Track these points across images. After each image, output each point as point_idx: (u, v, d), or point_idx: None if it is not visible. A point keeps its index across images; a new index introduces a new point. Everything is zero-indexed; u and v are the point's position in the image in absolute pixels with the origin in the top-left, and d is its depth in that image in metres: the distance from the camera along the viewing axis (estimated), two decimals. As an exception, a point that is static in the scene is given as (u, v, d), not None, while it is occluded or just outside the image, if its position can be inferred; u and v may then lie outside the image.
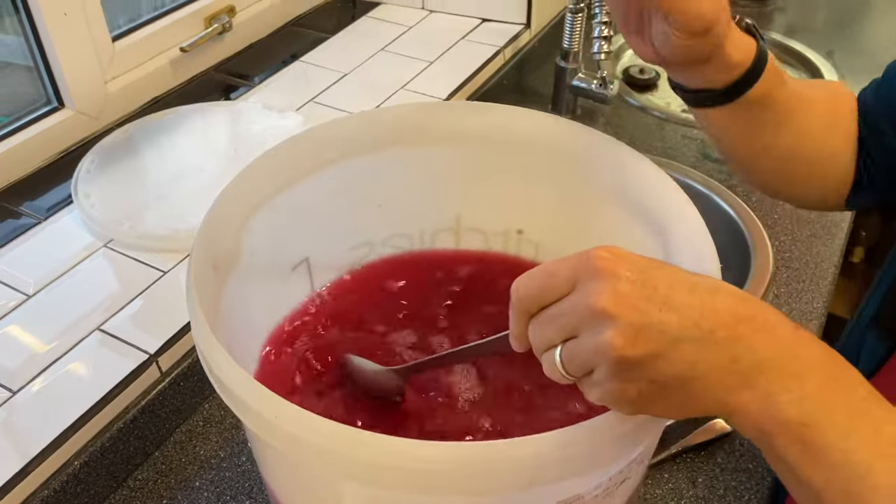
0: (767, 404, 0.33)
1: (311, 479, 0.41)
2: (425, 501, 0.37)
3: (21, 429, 0.66)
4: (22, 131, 0.92)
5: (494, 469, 0.34)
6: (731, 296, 0.34)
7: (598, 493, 0.41)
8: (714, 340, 0.33)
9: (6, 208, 0.88)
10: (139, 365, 0.71)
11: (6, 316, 0.76)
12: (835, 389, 0.33)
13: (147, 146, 0.97)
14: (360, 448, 0.34)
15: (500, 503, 0.38)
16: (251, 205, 0.51)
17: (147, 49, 1.04)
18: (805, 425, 0.33)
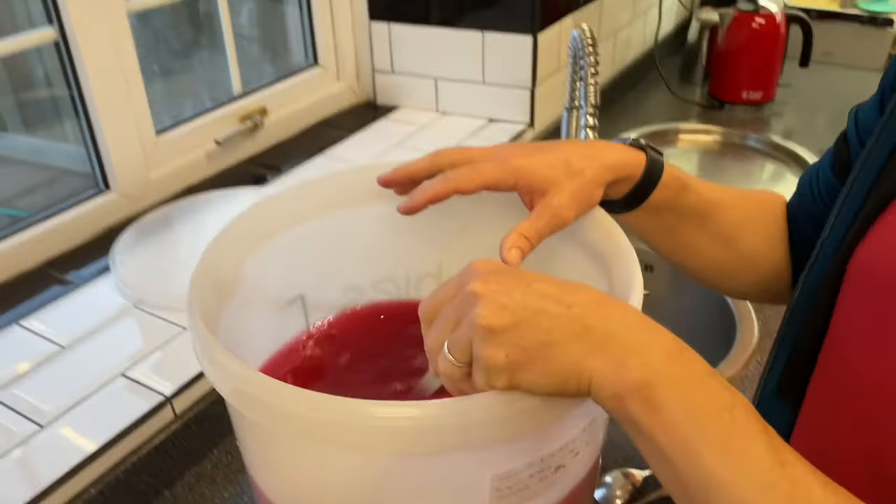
0: (618, 368, 0.38)
1: (279, 447, 0.47)
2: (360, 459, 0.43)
3: (44, 459, 0.73)
4: (71, 209, 1.04)
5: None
6: (591, 289, 0.41)
7: (533, 474, 0.46)
8: (570, 314, 0.39)
9: (52, 276, 0.99)
10: (155, 406, 0.79)
11: (42, 364, 0.84)
12: (675, 361, 0.39)
13: (179, 224, 1.08)
14: (310, 407, 0.41)
15: (437, 470, 0.43)
16: (251, 240, 0.59)
17: (186, 142, 1.17)
18: (648, 385, 0.38)
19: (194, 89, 1.37)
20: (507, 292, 0.40)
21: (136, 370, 0.83)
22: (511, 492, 0.47)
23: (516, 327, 0.40)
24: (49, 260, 1.01)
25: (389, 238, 0.67)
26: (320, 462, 0.46)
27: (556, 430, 0.46)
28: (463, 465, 0.44)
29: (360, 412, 0.40)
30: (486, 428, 0.41)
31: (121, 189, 1.09)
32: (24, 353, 0.85)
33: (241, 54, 1.27)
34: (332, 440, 0.42)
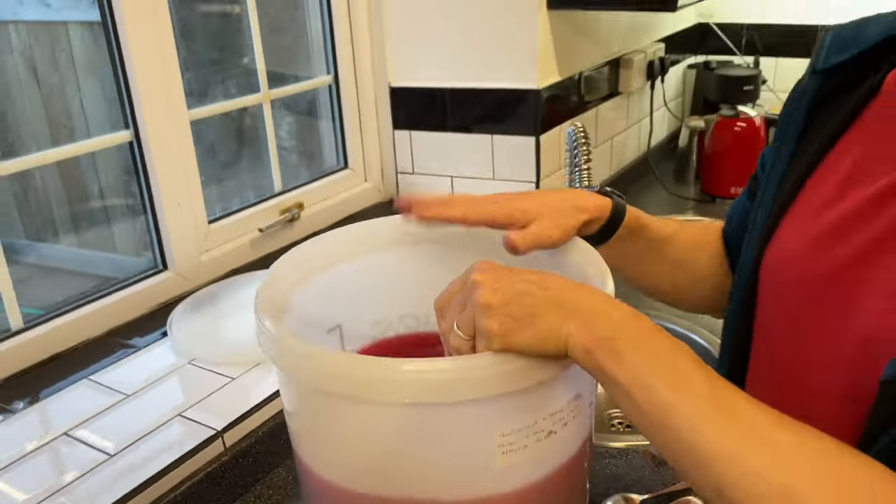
0: (588, 328, 0.51)
1: (322, 414, 0.59)
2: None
3: (111, 484, 0.84)
4: (134, 285, 1.19)
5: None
6: (565, 278, 0.55)
7: (529, 435, 0.57)
8: (548, 294, 0.52)
9: (118, 341, 1.13)
10: (207, 438, 0.90)
11: (111, 408, 0.96)
12: (631, 321, 0.51)
13: (225, 299, 1.22)
14: (353, 366, 0.53)
15: (454, 426, 0.55)
16: (298, 276, 0.73)
17: (233, 230, 1.34)
18: (612, 339, 0.50)
19: (241, 187, 1.55)
20: (500, 280, 0.54)
21: (190, 412, 0.95)
22: (513, 449, 0.58)
23: (506, 304, 0.53)
24: (115, 328, 1.15)
25: (411, 279, 0.81)
26: (357, 420, 0.58)
27: (546, 396, 0.57)
28: (475, 422, 0.56)
29: (388, 367, 0.53)
30: (487, 382, 0.53)
31: (177, 269, 1.24)
32: (95, 401, 0.98)
33: (281, 159, 1.46)
34: (366, 394, 0.54)
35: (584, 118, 1.60)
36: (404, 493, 0.59)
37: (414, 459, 0.58)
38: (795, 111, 0.66)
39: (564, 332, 0.52)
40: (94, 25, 2.25)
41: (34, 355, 1.07)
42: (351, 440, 0.59)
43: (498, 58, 1.43)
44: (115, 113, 1.21)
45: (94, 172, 2.38)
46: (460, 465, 0.58)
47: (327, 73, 1.52)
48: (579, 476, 0.66)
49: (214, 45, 1.99)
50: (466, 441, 0.57)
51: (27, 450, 0.89)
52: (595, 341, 0.51)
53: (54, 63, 2.32)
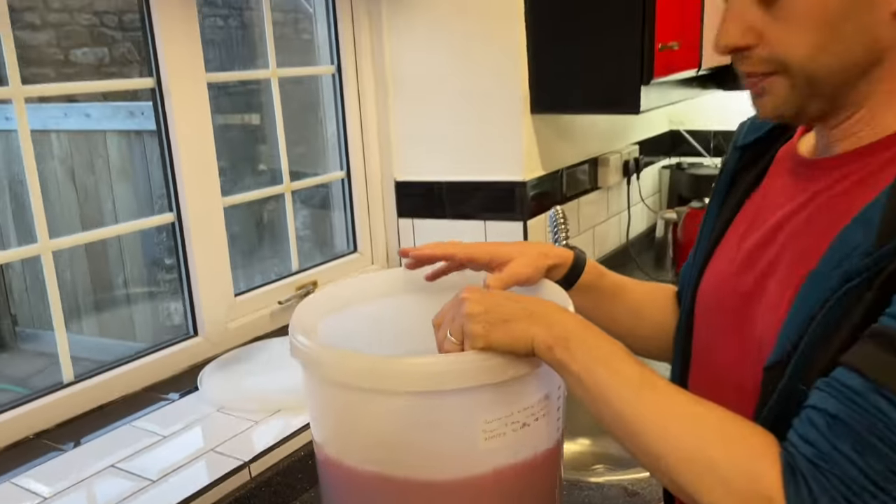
0: (549, 330, 0.67)
1: (337, 402, 0.74)
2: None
3: (156, 500, 0.98)
4: (168, 348, 1.35)
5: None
6: (536, 298, 0.72)
7: (507, 424, 0.73)
8: (520, 306, 0.69)
9: (154, 395, 1.28)
10: (236, 467, 1.04)
11: (150, 446, 1.11)
12: (582, 327, 0.68)
13: (248, 361, 1.38)
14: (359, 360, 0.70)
15: (445, 412, 0.70)
16: (322, 311, 0.90)
17: (256, 303, 1.51)
18: (567, 339, 0.66)
19: (263, 267, 1.73)
20: (483, 296, 0.71)
21: (221, 447, 1.09)
22: (494, 435, 0.73)
23: (487, 312, 0.70)
24: (152, 384, 1.30)
25: (413, 321, 0.97)
26: (367, 408, 0.73)
27: (520, 392, 0.73)
28: (463, 410, 0.71)
29: (384, 362, 0.70)
30: (471, 374, 0.69)
31: (206, 335, 1.41)
32: (135, 442, 1.12)
33: (297, 244, 1.65)
34: (377, 384, 0.70)
35: (566, 207, 1.80)
36: (404, 473, 0.74)
37: (412, 443, 0.73)
38: (722, 179, 0.85)
39: (531, 334, 0.68)
40: (131, 134, 2.52)
41: (82, 405, 1.21)
42: (361, 426, 0.74)
43: (489, 155, 1.65)
44: (144, 211, 1.41)
45: (119, 265, 2.58)
46: (451, 447, 0.73)
47: (340, 169, 1.74)
48: (551, 469, 0.81)
49: (241, 148, 2.24)
50: (456, 426, 0.73)
51: (81, 477, 1.03)
52: (554, 340, 0.68)
53: (91, 167, 2.57)
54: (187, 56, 1.32)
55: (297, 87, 1.94)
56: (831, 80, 0.63)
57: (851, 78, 0.63)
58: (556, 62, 1.56)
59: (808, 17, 0.61)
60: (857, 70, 0.62)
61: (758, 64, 0.65)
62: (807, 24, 0.61)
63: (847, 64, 0.62)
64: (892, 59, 0.62)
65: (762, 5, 0.63)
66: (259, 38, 1.58)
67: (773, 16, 0.62)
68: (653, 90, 1.54)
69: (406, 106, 1.71)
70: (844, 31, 0.61)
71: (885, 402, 0.52)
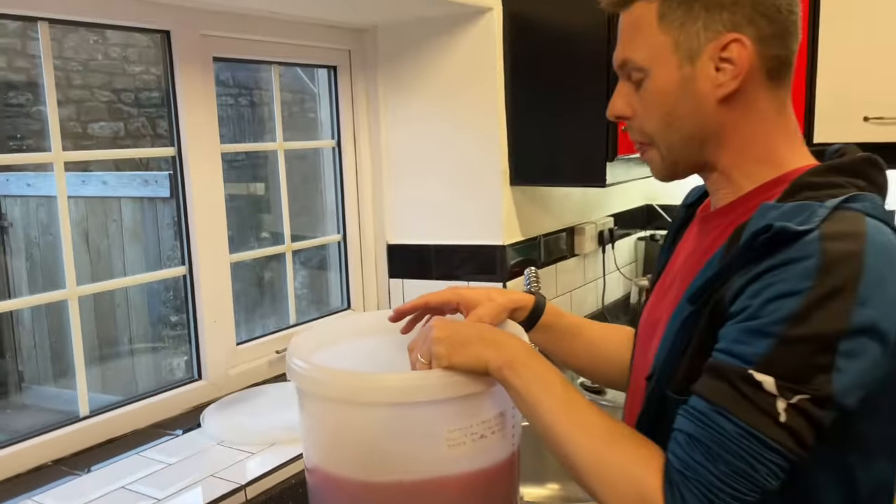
0: (500, 353, 0.82)
1: (324, 415, 0.87)
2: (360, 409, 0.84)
3: (162, 514, 1.09)
4: (174, 390, 1.48)
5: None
6: (492, 327, 0.87)
7: (467, 434, 0.86)
8: (478, 333, 0.85)
9: (160, 431, 1.40)
10: (233, 489, 1.16)
11: (157, 472, 1.23)
12: (527, 352, 0.82)
13: (247, 402, 1.51)
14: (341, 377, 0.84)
15: (414, 421, 0.84)
16: (314, 344, 1.04)
17: (256, 352, 1.65)
18: (513, 361, 0.81)
19: (263, 323, 1.88)
20: (447, 325, 0.87)
21: (220, 473, 1.22)
22: (456, 444, 0.86)
23: (450, 337, 0.85)
24: (158, 421, 1.43)
25: (398, 356, 1.12)
26: (346, 417, 0.87)
27: (478, 406, 0.87)
28: (428, 419, 0.85)
29: (374, 378, 0.84)
30: (436, 389, 0.84)
31: (209, 379, 1.54)
32: (144, 468, 1.25)
33: (296, 302, 1.80)
34: (357, 396, 0.84)
35: (544, 271, 1.96)
36: (378, 477, 0.87)
37: (389, 449, 0.87)
38: (670, 232, 1.01)
39: (486, 356, 0.83)
40: (144, 200, 2.70)
41: (95, 437, 1.34)
42: (347, 436, 0.88)
43: (473, 221, 1.82)
44: (153, 270, 1.56)
45: (126, 322, 2.72)
46: (421, 453, 0.87)
47: (337, 232, 1.90)
48: (508, 479, 0.94)
49: (246, 217, 2.41)
50: (424, 434, 0.86)
51: (94, 497, 1.15)
52: (503, 361, 0.82)
53: (105, 231, 2.74)
54: (205, 128, 1.51)
55: (300, 160, 2.13)
56: (681, 149, 0.82)
57: (695, 148, 0.82)
58: (532, 140, 1.75)
59: (656, 102, 0.81)
60: (697, 142, 0.82)
61: (636, 134, 0.85)
62: (656, 107, 0.81)
63: (686, 138, 0.81)
64: (726, 134, 0.81)
65: (635, 88, 0.83)
66: (268, 116, 1.77)
67: (640, 97, 0.82)
68: (618, 166, 1.72)
69: (398, 176, 1.90)
70: (680, 113, 0.80)
71: (722, 419, 0.68)
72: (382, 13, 1.73)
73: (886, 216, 0.74)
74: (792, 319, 0.67)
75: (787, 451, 0.67)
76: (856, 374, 0.67)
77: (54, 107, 1.31)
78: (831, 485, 0.74)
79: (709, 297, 0.74)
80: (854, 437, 0.73)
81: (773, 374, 0.67)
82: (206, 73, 1.50)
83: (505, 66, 1.75)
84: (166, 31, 1.44)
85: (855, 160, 0.79)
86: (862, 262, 0.67)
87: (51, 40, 1.29)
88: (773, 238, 0.70)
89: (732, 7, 0.78)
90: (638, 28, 0.82)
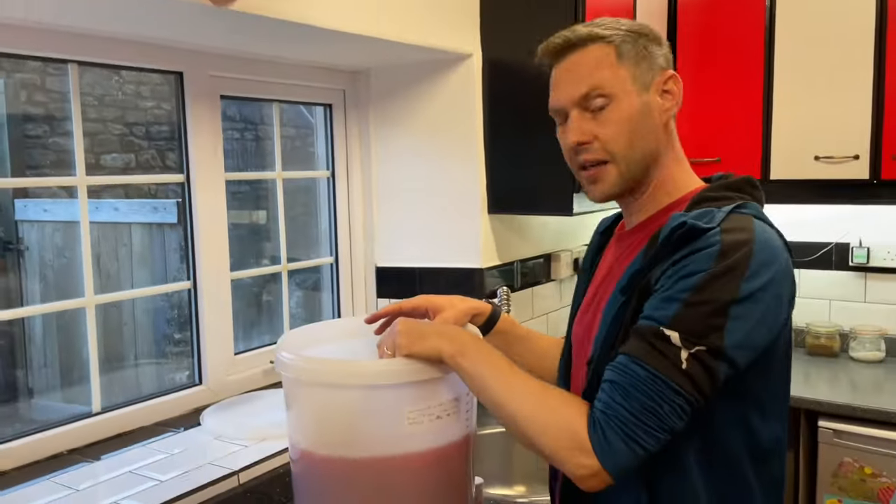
0: (452, 343, 0.97)
1: (306, 398, 1.03)
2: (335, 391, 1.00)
3: (163, 494, 1.24)
4: (177, 393, 1.64)
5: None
6: (448, 324, 1.03)
7: (425, 415, 1.02)
8: (434, 328, 1.01)
9: (164, 428, 1.55)
10: (227, 474, 1.31)
11: (161, 460, 1.38)
12: (474, 341, 0.98)
13: (243, 405, 1.66)
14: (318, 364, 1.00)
15: (382, 401, 1.00)
16: (300, 343, 1.20)
17: (252, 361, 1.80)
18: (463, 348, 0.97)
19: (260, 340, 2.03)
20: (408, 322, 1.03)
21: (216, 461, 1.37)
22: (415, 422, 1.02)
23: (409, 331, 1.01)
24: (162, 420, 1.59)
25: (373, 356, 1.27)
26: (325, 399, 1.02)
27: (434, 391, 1.03)
28: (393, 400, 1.00)
29: (347, 364, 1.00)
30: (398, 374, 1.00)
31: (209, 385, 1.70)
32: (149, 457, 1.40)
33: (290, 320, 1.96)
34: (332, 380, 1.00)
35: (521, 293, 2.13)
36: (350, 452, 1.02)
37: (359, 426, 1.02)
38: (588, 255, 1.18)
39: (440, 345, 0.99)
40: (153, 226, 2.88)
41: (105, 431, 1.49)
42: (325, 416, 1.04)
43: (454, 246, 1.99)
44: (160, 299, 1.73)
45: (132, 339, 2.88)
46: (386, 430, 1.02)
47: (330, 255, 2.07)
48: (463, 457, 1.09)
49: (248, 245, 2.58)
50: (388, 413, 1.02)
51: (107, 478, 1.30)
52: (455, 349, 0.98)
53: (115, 255, 2.91)
54: (211, 158, 1.69)
55: (303, 191, 2.31)
56: (639, 165, 0.99)
57: (650, 164, 1.00)
58: (507, 172, 1.93)
59: (622, 123, 0.97)
60: (652, 158, 0.99)
61: (596, 153, 0.99)
62: (622, 127, 0.97)
63: (646, 154, 0.99)
64: (666, 153, 1.00)
65: (591, 116, 0.98)
66: (270, 149, 1.95)
67: (600, 122, 0.98)
68: (585, 197, 1.88)
69: (387, 204, 2.07)
70: (642, 131, 0.98)
71: (637, 367, 0.84)
72: (375, 58, 1.92)
73: (767, 218, 0.95)
74: (695, 289, 0.85)
75: (687, 394, 0.84)
76: (743, 334, 0.85)
77: (80, 137, 1.50)
78: (737, 437, 0.93)
79: (636, 287, 0.93)
80: (752, 397, 0.93)
81: (678, 329, 0.85)
82: (214, 109, 1.69)
83: (484, 105, 1.94)
84: (180, 73, 1.63)
85: (739, 181, 0.99)
86: (751, 249, 0.87)
87: (67, 76, 1.47)
88: (685, 233, 0.89)
89: (663, 56, 1.01)
90: (599, 65, 0.98)
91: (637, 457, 0.86)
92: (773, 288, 0.88)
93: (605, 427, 0.85)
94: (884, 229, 2.38)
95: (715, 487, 0.94)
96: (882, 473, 1.90)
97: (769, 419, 0.95)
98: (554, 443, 0.88)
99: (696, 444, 0.92)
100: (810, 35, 2.17)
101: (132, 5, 1.26)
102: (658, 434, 0.85)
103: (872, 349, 2.34)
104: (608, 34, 0.98)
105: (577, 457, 0.87)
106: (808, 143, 2.17)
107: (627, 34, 0.98)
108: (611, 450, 0.85)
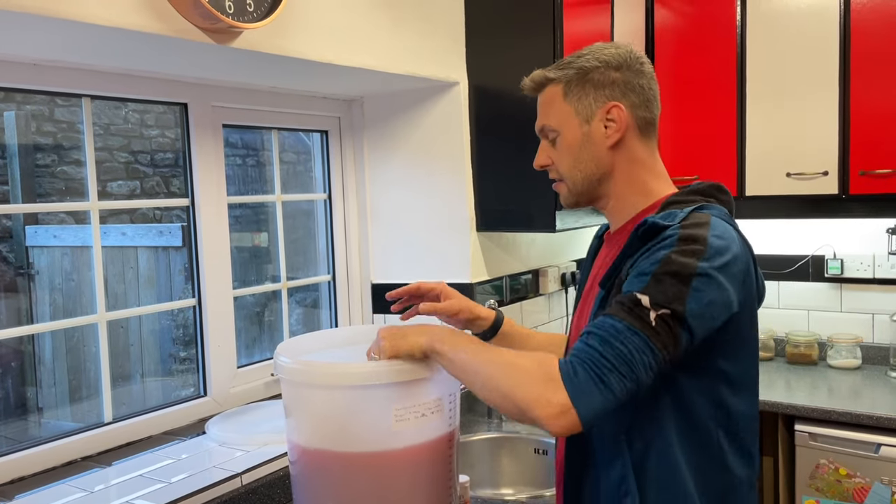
0: (430, 337, 1.07)
1: (304, 399, 1.13)
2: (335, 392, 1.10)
3: (170, 494, 1.34)
4: (183, 404, 1.74)
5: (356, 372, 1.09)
6: (428, 323, 1.14)
7: (411, 412, 1.12)
8: (416, 329, 1.10)
9: (170, 437, 1.65)
10: (231, 475, 1.41)
11: (169, 464, 1.48)
12: (452, 333, 1.08)
13: (245, 415, 1.76)
14: (316, 366, 1.10)
15: (371, 401, 1.10)
16: (298, 350, 1.30)
17: (254, 374, 1.90)
18: (441, 338, 1.07)
19: (262, 354, 2.13)
20: (391, 327, 1.13)
21: (221, 464, 1.47)
22: (401, 419, 1.12)
23: (392, 335, 1.11)
24: (169, 430, 1.68)
25: (364, 365, 1.38)
26: (319, 399, 1.12)
27: (419, 391, 1.13)
28: (381, 398, 1.11)
29: (338, 366, 1.10)
30: (385, 375, 1.10)
31: (213, 396, 1.80)
32: (158, 462, 1.50)
33: (290, 334, 2.06)
34: (326, 381, 1.10)
35: (511, 306, 2.23)
36: (343, 448, 1.12)
37: (350, 424, 1.12)
38: (587, 257, 1.29)
39: (420, 341, 1.09)
40: (159, 249, 3.00)
41: (116, 440, 1.59)
42: (320, 414, 1.14)
43: (445, 262, 2.09)
44: (165, 314, 1.84)
45: (139, 358, 2.98)
46: (374, 427, 1.12)
47: (327, 273, 2.18)
48: (447, 454, 1.19)
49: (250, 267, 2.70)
50: (377, 411, 1.12)
51: (118, 481, 1.40)
52: (434, 341, 1.08)
53: (122, 277, 3.02)
54: (214, 183, 1.80)
55: (303, 214, 2.42)
56: (583, 183, 1.14)
57: (594, 183, 1.14)
58: (493, 192, 2.04)
59: (565, 150, 1.14)
60: (596, 178, 1.13)
61: (553, 173, 1.18)
62: (566, 154, 1.14)
63: (588, 175, 1.13)
64: (615, 173, 1.13)
65: (549, 144, 1.16)
66: (270, 174, 2.07)
67: (555, 150, 1.15)
68: (567, 215, 2.00)
69: (381, 224, 2.18)
70: (583, 157, 1.13)
71: (616, 321, 0.96)
72: (368, 87, 2.04)
73: (729, 219, 1.08)
74: (661, 263, 0.98)
75: (656, 349, 0.95)
76: (701, 305, 0.97)
77: (93, 164, 1.61)
78: (710, 409, 1.04)
79: (613, 280, 1.05)
80: (719, 373, 1.04)
81: (648, 295, 0.96)
82: (217, 137, 1.81)
83: (470, 129, 2.06)
84: (184, 104, 1.75)
85: (706, 186, 1.12)
86: (706, 236, 1.00)
87: (74, 107, 1.59)
88: (648, 230, 1.02)
89: (611, 86, 1.13)
90: (550, 103, 1.16)
91: (605, 400, 0.94)
92: (728, 269, 0.99)
93: (576, 365, 0.95)
94: (856, 242, 2.48)
95: (693, 462, 1.04)
96: (856, 474, 1.99)
97: (740, 393, 1.06)
98: (526, 387, 0.97)
99: (676, 420, 1.03)
100: (779, 58, 2.29)
101: (141, 44, 1.38)
102: (627, 382, 0.94)
103: (849, 356, 2.43)
104: (557, 76, 1.15)
105: (546, 392, 0.95)
106: (780, 161, 2.28)
107: (577, 73, 1.13)
108: (580, 385, 0.94)
